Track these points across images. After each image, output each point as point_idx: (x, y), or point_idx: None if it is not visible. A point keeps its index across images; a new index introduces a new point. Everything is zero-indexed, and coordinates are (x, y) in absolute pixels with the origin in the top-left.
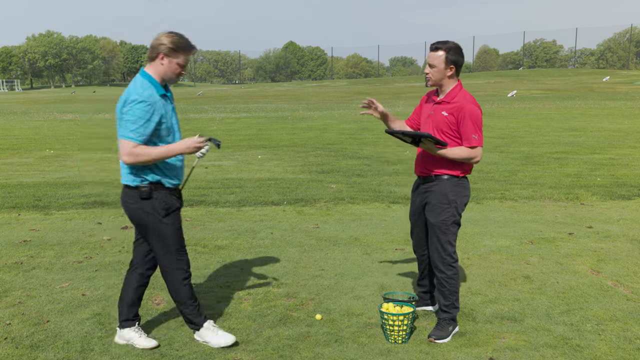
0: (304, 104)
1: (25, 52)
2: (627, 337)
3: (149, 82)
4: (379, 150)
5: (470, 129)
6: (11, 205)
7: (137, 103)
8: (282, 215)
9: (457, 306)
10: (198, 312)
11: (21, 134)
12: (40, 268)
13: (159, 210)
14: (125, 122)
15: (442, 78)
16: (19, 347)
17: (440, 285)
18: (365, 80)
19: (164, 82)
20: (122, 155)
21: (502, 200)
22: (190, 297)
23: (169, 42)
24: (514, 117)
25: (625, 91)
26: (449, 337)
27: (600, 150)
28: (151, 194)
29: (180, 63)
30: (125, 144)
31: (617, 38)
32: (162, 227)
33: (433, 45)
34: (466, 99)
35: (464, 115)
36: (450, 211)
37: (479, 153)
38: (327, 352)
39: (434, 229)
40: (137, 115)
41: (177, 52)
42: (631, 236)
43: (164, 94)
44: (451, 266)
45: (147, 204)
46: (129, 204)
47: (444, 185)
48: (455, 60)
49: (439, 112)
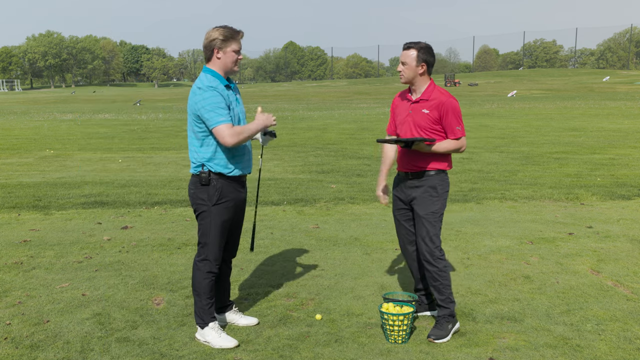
0: (304, 104)
1: (25, 52)
2: (627, 337)
3: (211, 75)
4: (379, 150)
5: (453, 121)
6: (11, 205)
7: (204, 92)
8: (282, 215)
9: (453, 299)
10: (209, 310)
11: (21, 134)
12: (40, 268)
13: (211, 198)
14: (207, 113)
15: (414, 76)
16: (19, 347)
17: (433, 280)
18: (365, 80)
19: (226, 75)
20: (225, 138)
21: (502, 200)
22: (208, 292)
23: (218, 34)
24: (514, 117)
25: (625, 91)
26: (449, 336)
27: (600, 150)
28: (210, 181)
29: (235, 49)
30: (222, 129)
31: (617, 38)
32: (208, 215)
33: (406, 44)
34: (443, 95)
35: (447, 109)
36: (440, 202)
37: (464, 142)
38: (327, 352)
39: (422, 221)
40: (212, 102)
41: (228, 41)
42: (631, 236)
43: (227, 85)
44: (441, 259)
45: (203, 191)
46: (190, 190)
47: (432, 179)
48: (426, 59)
49: (419, 111)
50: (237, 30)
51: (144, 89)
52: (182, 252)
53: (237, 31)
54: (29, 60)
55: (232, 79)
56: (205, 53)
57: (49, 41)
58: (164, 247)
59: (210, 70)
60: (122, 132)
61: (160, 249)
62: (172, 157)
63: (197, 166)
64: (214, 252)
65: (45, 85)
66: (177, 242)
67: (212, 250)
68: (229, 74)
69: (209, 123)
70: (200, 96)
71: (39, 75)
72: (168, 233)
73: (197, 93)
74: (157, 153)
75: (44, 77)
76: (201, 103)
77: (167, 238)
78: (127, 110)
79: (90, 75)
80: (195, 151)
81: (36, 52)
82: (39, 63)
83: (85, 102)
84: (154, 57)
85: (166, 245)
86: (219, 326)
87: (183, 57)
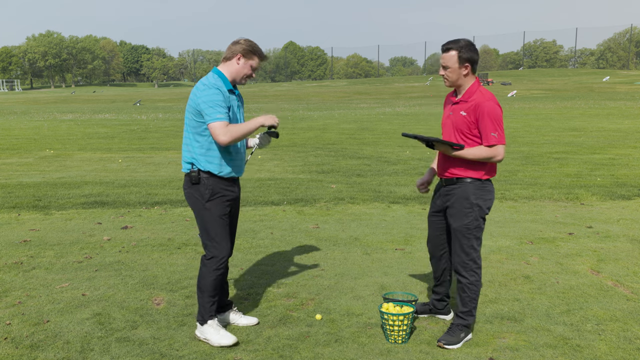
0: (304, 104)
1: (25, 52)
2: (627, 337)
3: (219, 76)
4: (379, 150)
5: (489, 127)
6: (11, 205)
7: (208, 88)
8: (282, 215)
9: (474, 314)
10: (211, 308)
11: (21, 134)
12: (40, 268)
13: (203, 195)
14: (207, 109)
15: (458, 78)
16: (19, 347)
17: (462, 291)
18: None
19: (233, 82)
20: (220, 136)
21: (502, 200)
22: (212, 290)
23: (248, 45)
24: (514, 117)
25: (625, 91)
26: (460, 344)
27: (600, 150)
28: (200, 180)
29: (253, 65)
30: (217, 125)
31: (617, 38)
32: (204, 212)
33: (444, 45)
34: (484, 97)
35: (482, 113)
36: (473, 215)
37: (499, 152)
38: (327, 352)
39: (456, 233)
40: (212, 99)
41: (253, 54)
42: (631, 236)
43: (231, 90)
44: (474, 272)
45: (195, 189)
46: (185, 189)
47: (466, 188)
48: (469, 58)
49: (458, 112)
50: (264, 54)
51: (144, 89)
52: (182, 252)
53: (264, 55)
54: (29, 60)
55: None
56: (227, 53)
57: (49, 41)
58: (164, 247)
59: (219, 72)
60: (122, 132)
61: (160, 249)
62: (172, 157)
63: (188, 165)
64: (220, 247)
65: (45, 85)
66: (177, 242)
67: (216, 246)
68: (237, 81)
69: (207, 118)
70: (204, 92)
71: (39, 75)
72: (168, 233)
73: (201, 88)
74: (157, 153)
75: (44, 77)
76: (203, 98)
77: (167, 238)
78: (127, 110)
79: (90, 75)
80: (188, 149)
81: (36, 52)
82: (39, 63)
83: (85, 102)
84: (154, 57)
85: (166, 245)
86: (218, 324)
87: (183, 57)
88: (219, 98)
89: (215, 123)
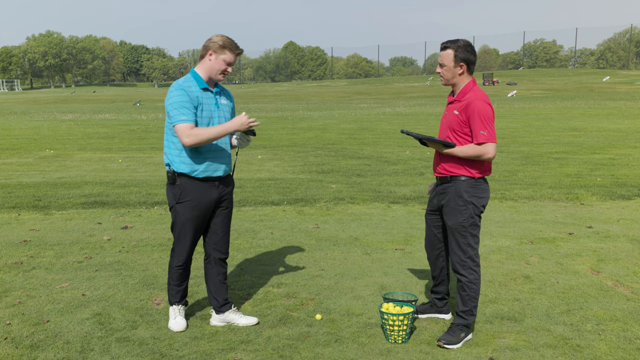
0: (304, 104)
1: (25, 52)
2: (627, 337)
3: (192, 76)
4: (379, 150)
5: (478, 125)
6: (11, 205)
7: (174, 90)
8: (282, 215)
9: (475, 313)
10: (175, 295)
11: (21, 134)
12: (40, 268)
13: (175, 196)
14: (172, 111)
15: (453, 77)
16: (19, 347)
17: (461, 289)
18: (365, 80)
19: (210, 79)
20: (183, 138)
21: (502, 200)
22: (175, 279)
23: (218, 40)
24: (514, 117)
25: (625, 91)
26: (460, 344)
27: (600, 150)
28: (175, 180)
29: (226, 60)
30: (181, 128)
31: (617, 38)
32: (174, 212)
33: (443, 44)
34: (475, 96)
35: (472, 111)
36: (468, 212)
37: (489, 149)
38: (327, 352)
39: (452, 231)
40: (176, 101)
41: (224, 48)
42: (631, 236)
43: (205, 88)
44: (472, 270)
45: (170, 189)
46: (166, 187)
47: (459, 186)
48: (465, 58)
49: (452, 112)
50: (237, 45)
51: (144, 89)
52: None
53: (237, 46)
54: (29, 60)
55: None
56: (202, 51)
57: (49, 41)
58: (164, 247)
59: (194, 72)
60: (122, 132)
61: (160, 249)
62: None
63: (166, 165)
64: (179, 248)
65: (45, 85)
66: None
67: (177, 245)
68: (214, 78)
69: (172, 120)
70: (171, 94)
71: (39, 75)
72: (168, 233)
73: (170, 90)
74: (157, 153)
75: (44, 77)
76: (169, 100)
77: (167, 238)
78: (127, 110)
79: (90, 75)
80: (165, 150)
81: (36, 52)
82: (39, 63)
83: (85, 102)
84: (154, 57)
85: (166, 245)
86: (180, 311)
87: (183, 57)
88: (184, 99)
89: (178, 125)
